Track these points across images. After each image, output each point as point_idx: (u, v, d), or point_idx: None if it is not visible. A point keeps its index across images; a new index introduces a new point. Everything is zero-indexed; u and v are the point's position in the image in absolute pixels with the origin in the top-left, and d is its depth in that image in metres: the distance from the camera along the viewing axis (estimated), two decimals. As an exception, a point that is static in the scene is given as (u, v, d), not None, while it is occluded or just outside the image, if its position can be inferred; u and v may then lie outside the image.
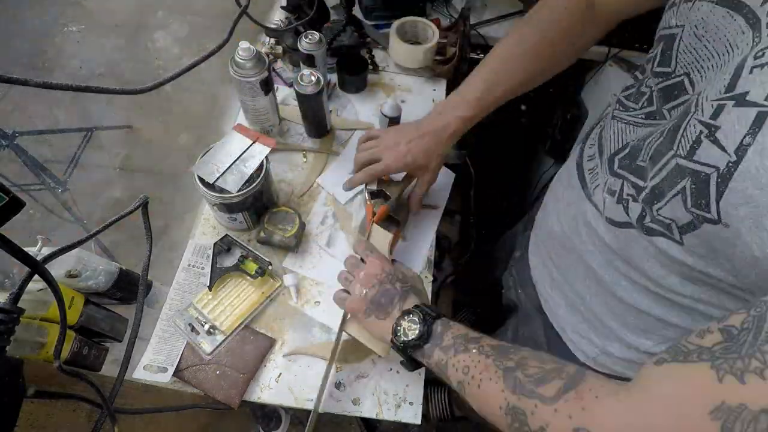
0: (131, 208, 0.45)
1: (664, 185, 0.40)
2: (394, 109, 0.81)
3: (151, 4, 1.86)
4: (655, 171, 0.41)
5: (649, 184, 0.42)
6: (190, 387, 0.61)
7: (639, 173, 0.44)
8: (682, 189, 0.37)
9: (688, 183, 0.36)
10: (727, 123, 0.33)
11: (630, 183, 0.45)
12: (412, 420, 0.61)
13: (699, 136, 0.36)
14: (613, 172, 0.48)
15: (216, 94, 1.41)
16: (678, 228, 0.39)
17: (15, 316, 0.36)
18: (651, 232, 0.43)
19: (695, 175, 0.36)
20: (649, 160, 0.42)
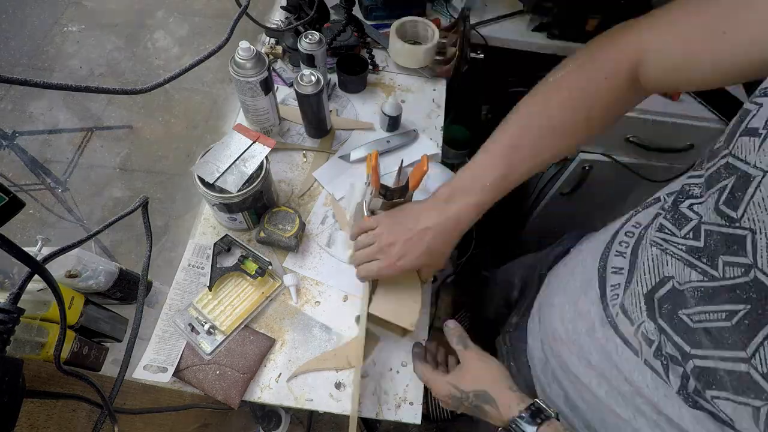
0: (131, 208, 0.45)
1: (727, 379, 0.32)
2: (395, 108, 0.81)
3: (151, 4, 1.86)
4: (716, 356, 0.33)
5: (704, 362, 0.34)
6: (190, 387, 0.61)
7: (686, 335, 0.36)
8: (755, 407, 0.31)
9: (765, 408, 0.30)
10: None
11: (673, 344, 0.37)
12: (412, 420, 0.61)
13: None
14: (653, 317, 0.40)
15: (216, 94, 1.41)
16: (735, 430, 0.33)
17: (15, 316, 0.36)
18: (696, 405, 0.36)
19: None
20: (704, 331, 0.34)
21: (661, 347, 0.38)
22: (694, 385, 0.36)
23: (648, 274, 0.41)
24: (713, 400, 0.33)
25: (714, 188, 0.36)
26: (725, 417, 0.33)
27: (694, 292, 0.35)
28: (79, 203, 1.51)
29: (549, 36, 1.06)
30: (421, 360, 0.57)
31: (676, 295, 0.37)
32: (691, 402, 0.36)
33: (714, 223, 0.35)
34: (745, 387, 0.31)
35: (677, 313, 0.36)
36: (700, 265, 0.36)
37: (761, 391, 0.30)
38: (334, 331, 0.66)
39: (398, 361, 0.64)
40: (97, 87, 0.33)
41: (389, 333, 0.66)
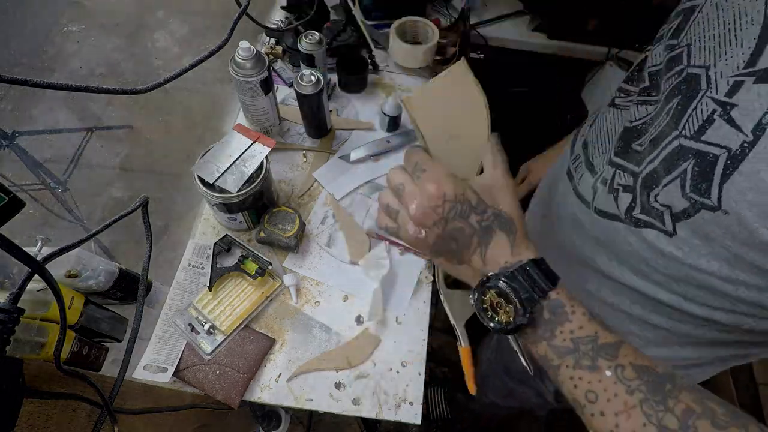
0: (131, 208, 0.45)
1: (661, 169, 0.37)
2: (395, 108, 0.81)
3: (151, 4, 1.86)
4: (656, 154, 0.38)
5: (647, 168, 0.39)
6: (190, 387, 0.61)
7: (635, 159, 0.41)
8: (682, 172, 0.35)
9: (690, 165, 0.34)
10: (746, 101, 0.31)
11: (625, 171, 0.43)
12: (412, 420, 0.61)
13: (711, 115, 0.33)
14: (610, 161, 0.46)
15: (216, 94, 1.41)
16: (672, 216, 0.37)
17: (15, 316, 0.36)
18: (639, 223, 0.41)
19: (700, 157, 0.33)
20: (649, 143, 0.40)
21: (613, 182, 0.43)
22: (639, 201, 0.40)
23: (609, 133, 0.48)
24: (656, 198, 0.37)
25: (665, 38, 0.42)
26: (662, 208, 0.37)
27: (645, 120, 0.40)
28: (79, 203, 1.51)
29: (549, 36, 1.06)
30: None
31: (627, 133, 0.43)
32: (635, 223, 0.41)
33: (660, 62, 0.41)
34: (675, 159, 0.35)
35: (630, 146, 0.42)
36: (649, 99, 0.42)
37: (687, 151, 0.34)
38: (334, 331, 0.66)
39: (398, 361, 0.64)
40: (97, 87, 0.33)
41: (389, 333, 0.66)
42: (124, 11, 1.94)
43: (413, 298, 0.69)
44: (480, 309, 0.36)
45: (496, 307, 0.35)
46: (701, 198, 0.34)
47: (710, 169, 0.33)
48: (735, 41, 0.33)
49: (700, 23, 0.38)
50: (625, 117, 0.46)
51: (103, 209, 1.54)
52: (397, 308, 0.68)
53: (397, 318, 0.67)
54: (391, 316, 0.67)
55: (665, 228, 0.38)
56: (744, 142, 0.30)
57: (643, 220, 0.40)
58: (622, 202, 0.42)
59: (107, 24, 1.92)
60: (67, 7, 1.89)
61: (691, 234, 0.36)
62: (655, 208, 0.39)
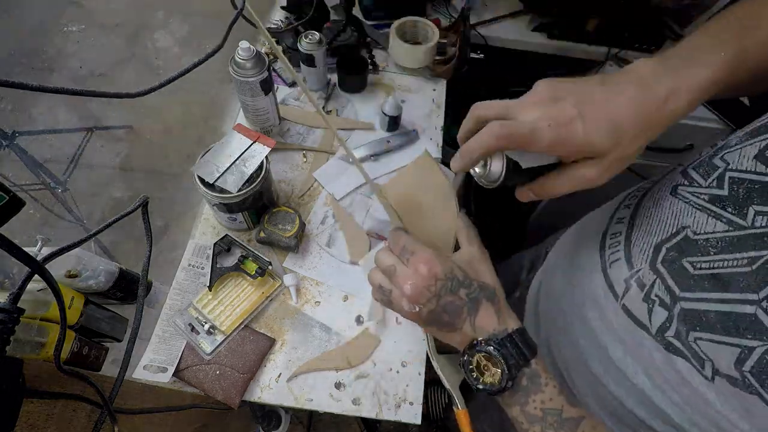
0: (131, 208, 0.45)
1: (719, 322, 0.32)
2: (395, 108, 0.81)
3: (151, 4, 1.86)
4: (715, 297, 0.33)
5: (696, 304, 0.34)
6: (190, 387, 0.61)
7: (683, 280, 0.36)
8: (745, 349, 0.30)
9: (762, 349, 0.29)
10: None
11: (666, 287, 0.37)
12: (412, 420, 0.61)
13: None
14: (653, 266, 0.39)
15: (216, 94, 1.41)
16: (713, 369, 0.32)
17: (15, 316, 0.36)
18: (670, 348, 0.36)
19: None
20: (710, 276, 0.34)
21: (651, 291, 0.39)
22: (676, 328, 0.36)
23: (661, 224, 0.40)
24: (696, 341, 0.34)
25: (762, 136, 0.34)
26: (703, 356, 0.34)
27: (716, 242, 0.34)
28: (79, 203, 1.51)
29: (549, 36, 1.06)
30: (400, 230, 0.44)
31: (686, 244, 0.37)
32: (666, 345, 0.37)
33: (750, 170, 0.33)
34: (742, 328, 0.31)
35: (681, 260, 0.37)
36: (725, 214, 0.34)
37: (763, 332, 0.30)
38: (334, 331, 0.66)
39: (398, 361, 0.64)
40: (94, 91, 0.33)
41: (389, 333, 0.66)
42: (124, 11, 1.94)
43: (413, 298, 0.69)
44: (468, 370, 0.39)
45: (483, 369, 0.38)
46: (761, 388, 0.29)
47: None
48: None
49: None
50: (685, 219, 0.38)
51: (103, 209, 1.54)
52: (397, 308, 0.68)
53: (397, 318, 0.67)
54: (391, 316, 0.67)
55: (703, 372, 0.34)
56: None
57: (676, 348, 0.36)
58: (656, 318, 0.37)
59: (107, 24, 1.92)
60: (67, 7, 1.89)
61: (730, 395, 0.32)
62: (693, 348, 0.34)
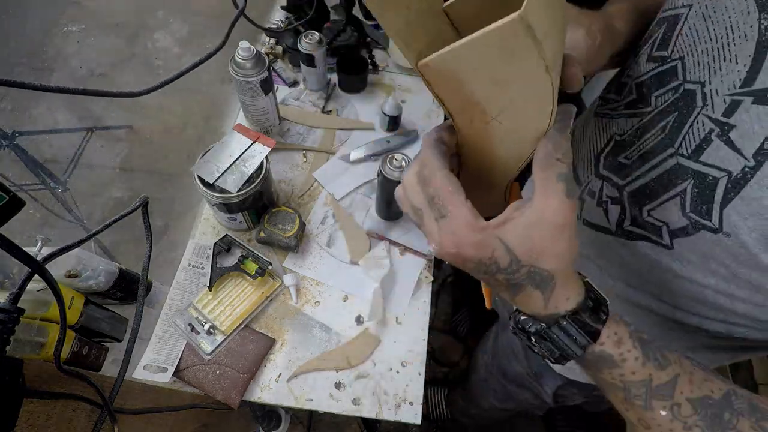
0: (131, 208, 0.45)
1: (657, 185, 0.37)
2: (395, 108, 0.81)
3: (151, 4, 1.86)
4: (647, 168, 0.38)
5: (636, 182, 0.39)
6: (190, 387, 0.61)
7: (622, 171, 0.41)
8: (681, 192, 0.34)
9: (689, 186, 0.33)
10: (745, 122, 0.29)
11: (611, 184, 0.42)
12: (412, 420, 0.61)
13: (708, 135, 0.32)
14: (597, 173, 0.44)
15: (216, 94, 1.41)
16: (669, 232, 0.36)
17: (15, 316, 0.36)
18: (632, 236, 0.40)
19: (699, 178, 0.33)
20: (639, 157, 0.39)
21: (601, 194, 0.42)
22: (630, 214, 0.39)
23: (593, 141, 0.46)
24: (650, 213, 0.37)
25: (646, 44, 0.41)
26: (659, 223, 0.36)
27: (633, 133, 0.39)
28: (79, 203, 1.51)
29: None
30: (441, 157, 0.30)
31: (616, 146, 0.42)
32: (627, 236, 0.39)
33: (646, 72, 0.40)
34: (673, 178, 0.34)
35: (617, 159, 0.41)
36: (637, 111, 0.40)
37: (685, 170, 0.33)
38: (334, 331, 0.66)
39: (398, 361, 0.64)
40: (94, 90, 0.33)
41: (389, 333, 0.66)
42: (124, 11, 1.94)
43: (413, 298, 0.69)
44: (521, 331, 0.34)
45: (535, 343, 0.33)
46: (702, 219, 0.33)
47: (710, 191, 0.32)
48: (729, 57, 0.32)
49: (688, 35, 0.36)
50: (611, 129, 0.45)
51: (103, 209, 1.54)
52: (397, 308, 0.68)
53: (397, 318, 0.67)
54: (391, 316, 0.67)
55: (662, 241, 0.38)
56: (746, 167, 0.29)
57: (636, 233, 0.40)
58: (612, 215, 0.42)
59: (107, 24, 1.91)
60: (67, 7, 1.89)
61: (689, 250, 0.36)
62: (649, 222, 0.38)
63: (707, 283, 0.36)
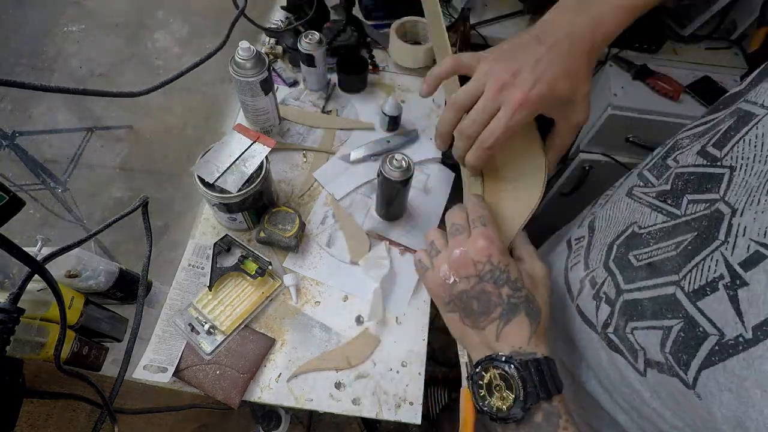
0: (131, 208, 0.45)
1: (647, 306, 0.33)
2: (395, 108, 0.81)
3: (151, 4, 1.86)
4: (647, 284, 0.34)
5: (633, 294, 0.35)
6: (190, 387, 0.61)
7: (627, 273, 0.37)
8: (667, 328, 0.31)
9: (677, 327, 0.30)
10: (759, 285, 0.25)
11: (614, 283, 0.38)
12: (412, 420, 0.61)
13: (716, 281, 0.27)
14: (606, 264, 0.40)
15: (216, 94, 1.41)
16: (645, 360, 0.33)
17: (15, 316, 0.36)
18: (611, 345, 0.37)
19: (690, 324, 0.29)
20: (646, 265, 0.35)
21: (600, 290, 0.40)
22: (615, 323, 0.37)
23: (616, 225, 0.42)
24: (633, 331, 0.34)
25: (707, 135, 0.35)
26: (637, 346, 0.34)
27: (655, 233, 0.36)
28: (79, 203, 1.51)
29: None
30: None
31: (632, 239, 0.38)
32: (608, 342, 0.38)
33: (691, 164, 0.35)
34: (664, 309, 0.32)
35: (628, 255, 0.38)
36: (665, 207, 0.36)
37: (679, 308, 0.30)
38: (334, 331, 0.66)
39: (398, 361, 0.64)
40: (94, 90, 0.33)
41: (389, 333, 0.66)
42: (124, 11, 1.94)
43: (413, 298, 0.69)
44: (476, 385, 0.36)
45: (494, 389, 0.34)
46: (678, 368, 0.29)
47: (696, 344, 0.28)
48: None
49: (751, 145, 0.29)
50: (634, 215, 0.39)
51: (103, 209, 1.54)
52: (397, 308, 0.68)
53: (397, 318, 0.68)
54: (391, 316, 0.67)
55: (636, 366, 0.34)
56: (741, 337, 0.25)
57: (615, 344, 0.37)
58: (601, 315, 0.39)
59: (107, 24, 1.91)
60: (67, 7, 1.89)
61: (660, 386, 0.32)
62: (629, 340, 0.35)
63: (675, 425, 0.33)
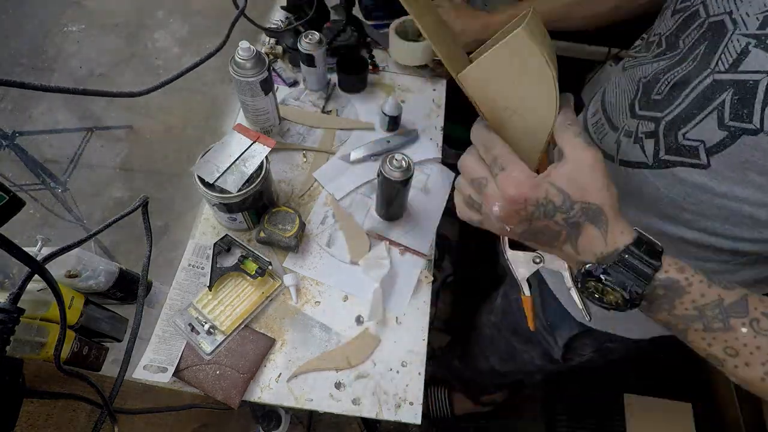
0: (131, 208, 0.45)
1: (693, 107, 0.40)
2: (395, 108, 0.81)
3: (151, 4, 1.86)
4: (681, 98, 0.41)
5: (671, 113, 0.42)
6: (190, 387, 0.61)
7: (658, 106, 0.44)
8: (719, 104, 0.37)
9: (728, 95, 0.37)
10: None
11: (648, 119, 0.45)
12: (412, 420, 0.61)
13: (746, 48, 0.36)
14: (634, 115, 0.48)
15: (216, 94, 1.41)
16: (706, 150, 0.39)
17: (15, 316, 0.36)
18: (669, 164, 0.43)
19: (738, 86, 0.36)
20: (669, 90, 0.43)
21: (637, 132, 0.46)
22: (665, 143, 0.43)
23: (628, 89, 0.49)
24: (685, 137, 0.40)
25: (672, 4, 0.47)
26: (695, 143, 0.40)
27: (660, 71, 0.44)
28: (79, 203, 1.51)
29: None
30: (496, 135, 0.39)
31: (645, 87, 0.46)
32: (663, 164, 0.43)
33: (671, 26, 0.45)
34: (709, 96, 0.38)
35: (650, 97, 0.45)
36: (664, 57, 0.45)
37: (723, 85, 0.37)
38: (334, 331, 0.66)
39: (398, 361, 0.64)
40: (94, 90, 0.33)
41: (389, 333, 0.66)
42: (124, 11, 1.94)
43: (413, 298, 0.69)
44: (586, 291, 0.36)
45: (603, 293, 0.35)
46: (742, 124, 0.36)
47: (751, 94, 0.35)
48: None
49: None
50: (638, 75, 0.49)
51: (103, 209, 1.54)
52: (397, 308, 0.68)
53: (397, 318, 0.67)
54: (391, 316, 0.67)
55: (700, 161, 0.40)
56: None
57: (672, 161, 0.43)
58: (648, 149, 0.45)
59: (107, 24, 1.91)
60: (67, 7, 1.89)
61: (725, 165, 0.39)
62: (685, 146, 0.41)
63: (744, 196, 0.39)
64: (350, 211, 0.76)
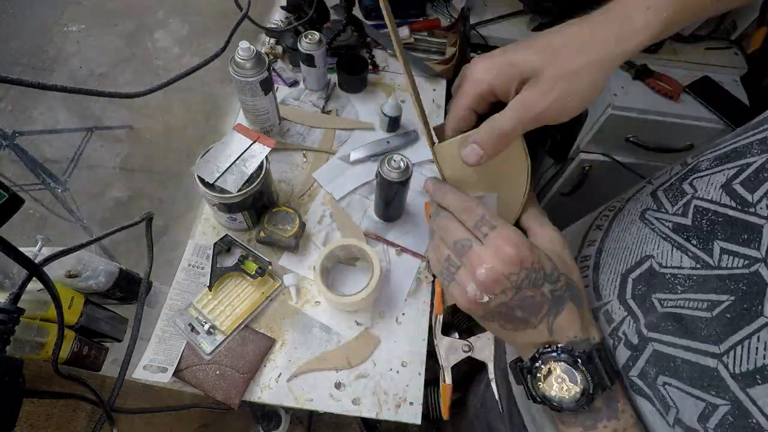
0: (135, 221, 0.45)
1: (685, 369, 0.30)
2: (395, 108, 0.81)
3: (151, 4, 1.86)
4: (676, 341, 0.31)
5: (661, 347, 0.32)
6: (190, 387, 0.61)
7: (650, 315, 0.33)
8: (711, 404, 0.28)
9: (724, 408, 0.27)
10: None
11: (635, 326, 0.34)
12: (412, 420, 0.61)
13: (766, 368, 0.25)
14: (622, 298, 0.36)
15: (216, 94, 1.41)
16: (676, 419, 0.30)
17: (15, 316, 0.36)
18: (634, 389, 0.33)
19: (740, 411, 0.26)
20: (673, 316, 0.32)
21: (618, 328, 0.35)
22: (642, 369, 0.33)
23: (626, 251, 0.38)
24: (665, 386, 0.31)
25: (732, 163, 0.31)
26: (670, 402, 0.31)
27: (682, 280, 0.32)
28: (80, 203, 1.51)
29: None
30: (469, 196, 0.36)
31: (653, 278, 0.34)
32: (630, 385, 0.34)
33: (716, 202, 0.31)
34: (706, 383, 0.28)
35: (650, 296, 0.34)
36: (690, 248, 0.32)
37: (726, 390, 0.27)
38: (334, 331, 0.66)
39: (398, 361, 0.64)
40: (94, 90, 0.33)
41: (389, 333, 0.66)
42: (124, 11, 1.94)
43: (413, 298, 0.69)
44: (533, 376, 0.33)
45: (554, 381, 0.32)
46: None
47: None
48: None
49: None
50: (649, 247, 0.36)
51: (103, 209, 1.54)
52: (395, 308, 0.68)
53: (397, 318, 0.67)
54: (391, 316, 0.67)
55: (666, 417, 0.32)
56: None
57: (640, 388, 0.33)
58: (620, 357, 0.35)
59: (107, 24, 1.91)
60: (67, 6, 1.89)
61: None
62: (660, 392, 0.32)
63: None
64: (348, 212, 0.76)
